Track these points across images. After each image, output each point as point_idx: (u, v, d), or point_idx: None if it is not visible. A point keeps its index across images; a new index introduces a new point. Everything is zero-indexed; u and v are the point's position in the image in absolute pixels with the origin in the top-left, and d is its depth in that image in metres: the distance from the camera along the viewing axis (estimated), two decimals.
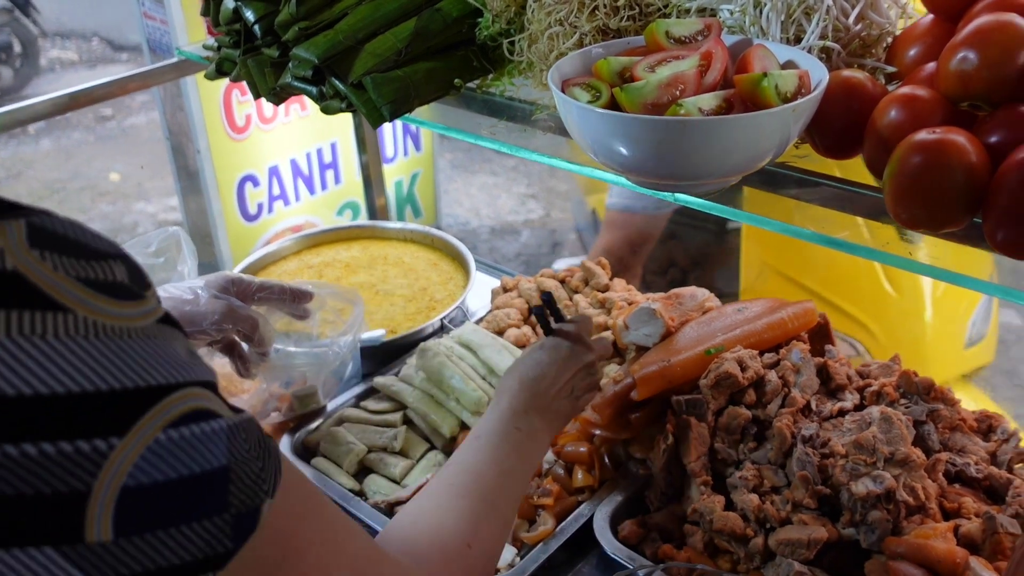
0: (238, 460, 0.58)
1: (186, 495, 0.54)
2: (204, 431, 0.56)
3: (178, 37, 2.67)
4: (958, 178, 0.85)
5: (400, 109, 1.28)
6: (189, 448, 0.54)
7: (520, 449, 1.07)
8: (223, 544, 0.56)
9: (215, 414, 0.57)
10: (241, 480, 0.58)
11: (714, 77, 0.97)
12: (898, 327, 2.18)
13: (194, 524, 0.54)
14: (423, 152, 3.63)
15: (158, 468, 0.52)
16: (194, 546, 0.54)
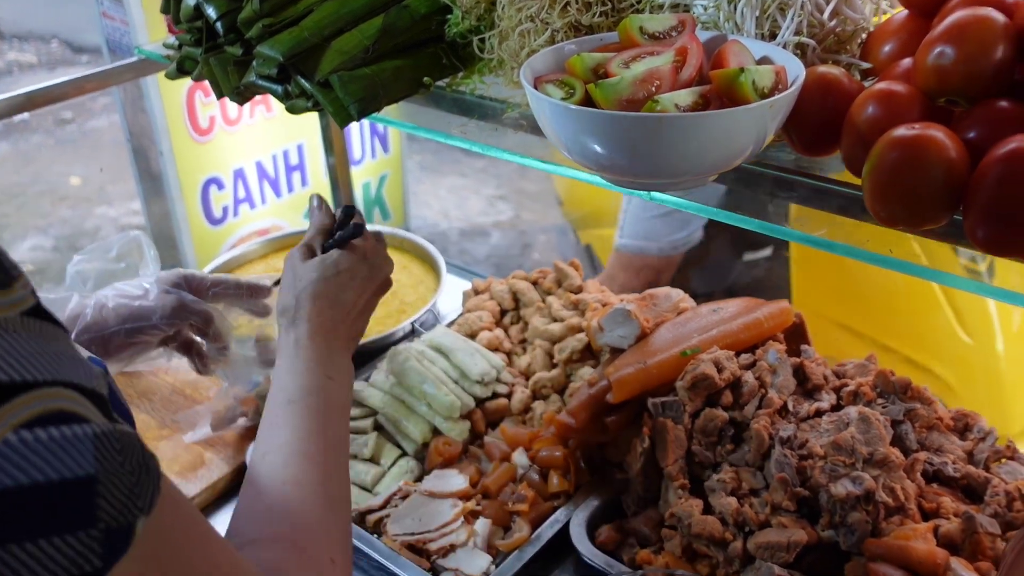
0: (108, 471, 0.52)
1: (45, 505, 0.49)
2: (65, 435, 0.51)
3: (138, 37, 2.61)
4: (938, 174, 0.84)
5: (368, 108, 1.25)
6: (47, 453, 0.50)
7: (337, 401, 1.00)
8: (91, 563, 0.51)
9: (81, 418, 0.52)
10: (111, 494, 0.53)
11: (690, 73, 0.95)
12: (973, 375, 1.96)
13: (56, 539, 0.49)
14: (391, 154, 3.58)
15: (7, 473, 0.48)
16: (57, 564, 0.49)
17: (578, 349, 1.54)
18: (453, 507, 1.30)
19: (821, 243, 0.97)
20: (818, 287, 2.16)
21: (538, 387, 1.54)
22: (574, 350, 1.54)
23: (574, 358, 1.54)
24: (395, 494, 1.34)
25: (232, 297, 1.32)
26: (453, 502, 1.31)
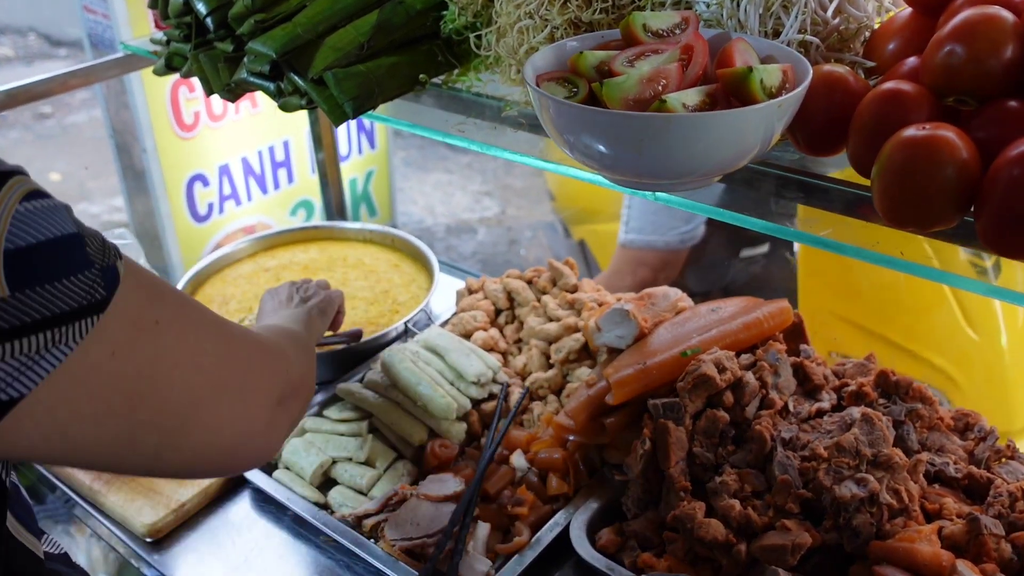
0: (82, 229, 0.70)
1: (58, 253, 0.66)
2: (47, 205, 0.67)
3: (121, 31, 2.56)
4: (949, 175, 0.83)
5: (363, 106, 1.23)
6: (45, 216, 0.66)
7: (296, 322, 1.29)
8: (99, 292, 0.68)
9: (48, 194, 0.69)
10: (92, 244, 0.70)
11: (695, 72, 0.93)
12: (979, 371, 1.95)
13: (71, 278, 0.66)
14: (378, 150, 3.55)
15: (29, 232, 0.64)
16: (75, 295, 0.66)
17: (575, 349, 1.52)
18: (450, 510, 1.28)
19: (828, 244, 0.95)
20: (824, 282, 2.16)
21: (535, 387, 1.52)
22: (571, 350, 1.52)
23: (571, 358, 1.52)
24: (391, 498, 1.31)
25: None
26: (450, 506, 1.29)
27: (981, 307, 1.93)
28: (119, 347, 0.70)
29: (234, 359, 0.85)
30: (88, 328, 0.67)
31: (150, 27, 2.57)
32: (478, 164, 5.45)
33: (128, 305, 0.71)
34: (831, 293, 2.13)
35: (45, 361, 0.65)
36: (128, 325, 0.71)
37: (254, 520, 1.39)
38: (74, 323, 0.66)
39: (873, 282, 2.01)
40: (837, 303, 2.08)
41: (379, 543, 1.27)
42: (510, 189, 5.18)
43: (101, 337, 0.68)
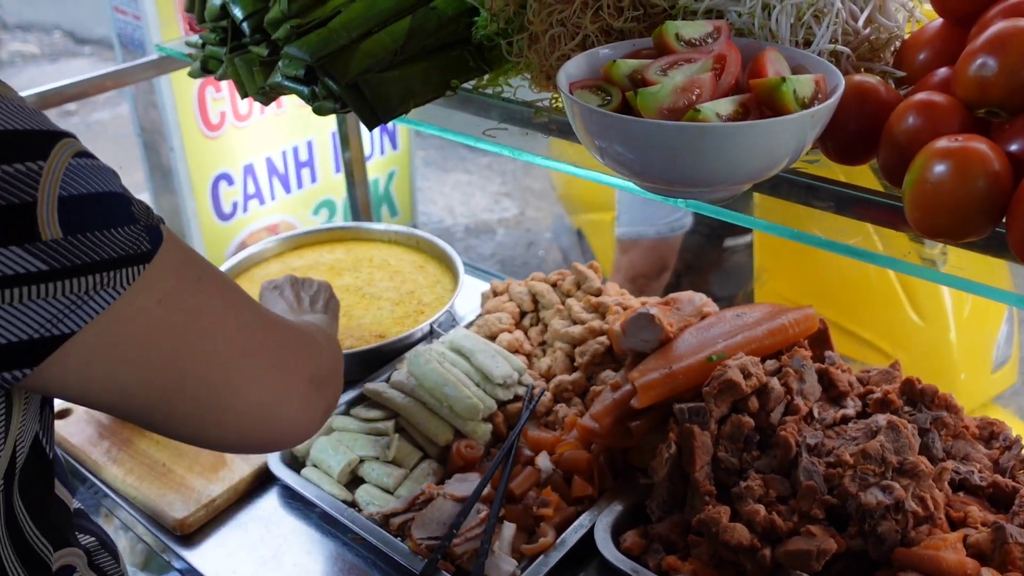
0: (128, 192, 0.75)
1: (106, 206, 0.72)
2: (97, 164, 0.74)
3: (151, 32, 2.60)
4: (981, 186, 0.83)
5: (396, 110, 1.24)
6: (94, 173, 0.72)
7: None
8: (144, 245, 0.74)
9: (95, 157, 0.74)
10: (138, 205, 0.76)
11: (728, 81, 0.95)
12: (925, 355, 2.08)
13: (119, 228, 0.72)
14: (400, 150, 3.58)
15: (80, 183, 0.70)
16: (123, 244, 0.72)
17: (599, 352, 1.53)
18: (477, 511, 1.30)
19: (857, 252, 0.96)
20: (782, 273, 2.28)
21: (559, 390, 1.53)
22: (595, 353, 1.53)
23: (595, 361, 1.54)
24: (418, 497, 1.33)
25: None
26: (477, 506, 1.30)
27: (928, 297, 2.05)
28: (166, 295, 0.75)
29: (270, 330, 0.89)
30: (135, 275, 0.72)
31: (179, 28, 2.61)
32: (497, 165, 5.47)
33: (173, 260, 0.77)
34: (786, 280, 2.26)
35: (94, 302, 0.70)
36: (173, 276, 0.76)
37: (283, 516, 1.41)
38: (122, 269, 0.71)
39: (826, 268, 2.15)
40: (791, 290, 2.21)
41: (406, 541, 1.28)
42: (529, 190, 5.19)
43: (148, 284, 0.74)
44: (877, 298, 2.13)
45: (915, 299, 2.06)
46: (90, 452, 1.51)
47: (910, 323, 2.07)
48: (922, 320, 2.07)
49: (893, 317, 2.09)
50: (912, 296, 2.06)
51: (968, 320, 2.08)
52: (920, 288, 2.05)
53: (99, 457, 1.50)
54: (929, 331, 2.05)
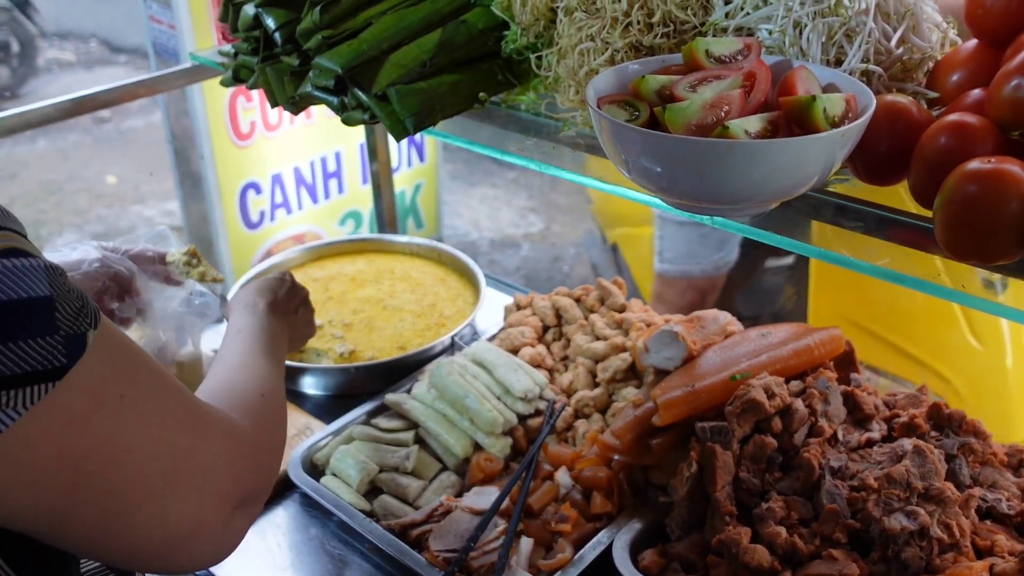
0: (59, 294, 0.68)
1: (17, 315, 0.65)
2: (23, 264, 0.67)
3: (185, 42, 2.64)
4: (1014, 209, 0.82)
5: (424, 122, 1.25)
6: (13, 276, 0.66)
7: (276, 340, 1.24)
8: (58, 359, 0.67)
9: (29, 253, 0.68)
10: (64, 310, 0.68)
11: (758, 98, 0.94)
12: (980, 380, 2.01)
13: (29, 341, 0.65)
14: (427, 163, 3.60)
15: None
16: (31, 359, 0.65)
17: (622, 369, 1.53)
18: (495, 525, 1.29)
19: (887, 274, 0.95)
20: (836, 291, 2.22)
21: (580, 405, 1.53)
22: (617, 369, 1.53)
23: (617, 378, 1.53)
24: (436, 509, 1.33)
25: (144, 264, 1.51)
26: (495, 520, 1.30)
27: (986, 319, 2.00)
28: (74, 418, 0.68)
29: (198, 454, 0.79)
30: (42, 394, 0.65)
31: (213, 38, 2.64)
32: (524, 180, 5.48)
33: (91, 376, 0.69)
34: (840, 297, 2.20)
35: None
36: (88, 396, 0.69)
37: (301, 524, 1.42)
38: (28, 387, 0.65)
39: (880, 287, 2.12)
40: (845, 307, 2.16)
41: (423, 553, 1.28)
42: (555, 206, 5.19)
43: (56, 404, 0.67)
44: (933, 318, 2.08)
45: (973, 321, 2.01)
46: None
47: (966, 345, 2.02)
48: (979, 343, 2.01)
49: (949, 338, 2.04)
50: (970, 317, 2.01)
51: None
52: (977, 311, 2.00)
53: None
54: (986, 355, 2.00)
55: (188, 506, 0.76)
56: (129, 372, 0.74)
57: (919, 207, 0.96)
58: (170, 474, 0.75)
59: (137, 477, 0.73)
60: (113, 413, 0.71)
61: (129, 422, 0.72)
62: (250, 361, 1.13)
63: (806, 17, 1.06)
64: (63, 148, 5.95)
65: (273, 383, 1.10)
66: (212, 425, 0.82)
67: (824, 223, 1.03)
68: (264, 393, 1.04)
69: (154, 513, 0.74)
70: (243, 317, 1.28)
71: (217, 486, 0.80)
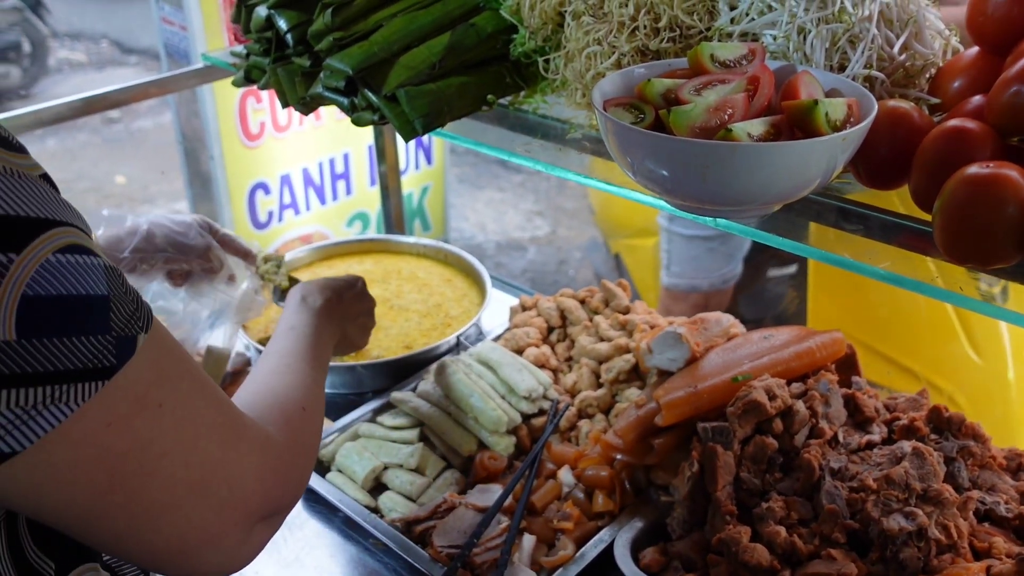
0: (115, 294, 0.68)
1: (75, 311, 0.65)
2: (85, 262, 0.67)
3: (196, 43, 2.66)
4: (1011, 213, 0.83)
5: (433, 123, 1.27)
6: (75, 272, 0.66)
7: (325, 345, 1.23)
8: (108, 360, 0.67)
9: (93, 252, 0.68)
10: (119, 311, 0.68)
11: (761, 102, 0.96)
12: (981, 393, 2.00)
13: (83, 338, 0.65)
14: (434, 166, 3.62)
15: (51, 284, 0.64)
16: (83, 356, 0.65)
17: (625, 370, 1.54)
18: (497, 522, 1.31)
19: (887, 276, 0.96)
20: (835, 304, 2.22)
21: (584, 405, 1.54)
22: (621, 370, 1.54)
23: (621, 378, 1.55)
24: (440, 505, 1.34)
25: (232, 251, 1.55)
26: (498, 517, 1.31)
27: (987, 332, 1.97)
28: (116, 420, 0.68)
29: (229, 466, 0.78)
30: (91, 392, 0.66)
31: (224, 40, 2.67)
32: (531, 184, 5.50)
33: (137, 380, 0.69)
34: (838, 311, 2.19)
35: (43, 418, 0.64)
36: (131, 399, 0.69)
37: (306, 520, 1.43)
38: (78, 384, 0.65)
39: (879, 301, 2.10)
40: (844, 321, 2.13)
41: (426, 548, 1.30)
42: (561, 210, 5.21)
43: (102, 405, 0.67)
44: (933, 332, 2.06)
45: (972, 334, 2.00)
46: None
47: (967, 359, 2.01)
48: (979, 357, 2.00)
49: (949, 352, 2.02)
50: (969, 331, 2.00)
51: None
52: (978, 323, 1.99)
53: None
54: (986, 368, 1.99)
55: (210, 516, 0.76)
56: (173, 378, 0.73)
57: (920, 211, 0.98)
58: (197, 484, 0.75)
59: (166, 484, 0.73)
60: (153, 418, 0.71)
61: (167, 428, 0.72)
62: (297, 366, 1.11)
63: (810, 23, 1.08)
64: (72, 148, 6.00)
65: (315, 394, 1.08)
66: (247, 439, 0.82)
67: (826, 226, 1.05)
68: (306, 407, 1.02)
69: (176, 520, 0.74)
70: (298, 313, 1.26)
71: (243, 501, 0.79)
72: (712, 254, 2.56)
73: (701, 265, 2.55)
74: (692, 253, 2.56)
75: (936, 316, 2.04)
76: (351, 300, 1.40)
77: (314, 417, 1.04)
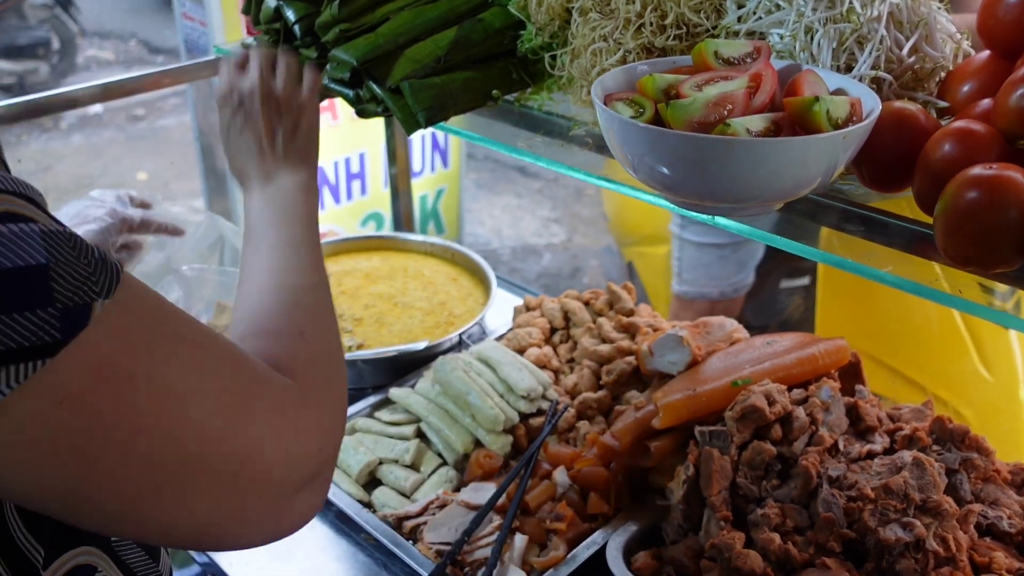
0: (59, 261, 0.61)
1: (11, 284, 0.59)
2: (19, 231, 0.60)
3: (216, 38, 2.68)
4: (1013, 216, 0.82)
5: (436, 116, 1.26)
6: (11, 243, 0.59)
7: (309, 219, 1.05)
8: (50, 335, 0.60)
9: (28, 218, 0.61)
10: (65, 279, 0.61)
11: (763, 99, 0.94)
12: (991, 411, 1.96)
13: (17, 314, 0.59)
14: (450, 168, 3.62)
15: None
16: (20, 334, 0.59)
17: (626, 372, 1.52)
18: (490, 520, 1.29)
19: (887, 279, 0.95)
20: (844, 316, 2.18)
21: (583, 407, 1.53)
22: (622, 372, 1.52)
23: (621, 381, 1.53)
24: (433, 502, 1.34)
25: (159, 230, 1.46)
26: (490, 516, 1.30)
27: (997, 349, 1.92)
28: (68, 397, 0.62)
29: (239, 438, 0.69)
30: (29, 372, 0.59)
31: (242, 34, 2.68)
32: (548, 191, 5.50)
33: (94, 351, 0.62)
34: (847, 321, 2.15)
35: None
36: (85, 374, 0.62)
37: None
38: (15, 365, 0.59)
39: (888, 313, 2.06)
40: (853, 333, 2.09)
41: (417, 545, 1.28)
42: (578, 217, 5.20)
43: (47, 383, 0.60)
44: (942, 346, 2.01)
45: (983, 350, 1.96)
46: None
47: (977, 375, 1.96)
48: (990, 373, 1.95)
49: (959, 368, 1.97)
50: (980, 347, 1.96)
51: None
52: (989, 339, 1.95)
53: None
54: (997, 386, 1.94)
55: (224, 497, 0.69)
56: (149, 345, 0.66)
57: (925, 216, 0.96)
58: (195, 463, 0.67)
59: (148, 465, 0.65)
60: (119, 390, 0.63)
61: (140, 402, 0.64)
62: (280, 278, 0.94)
63: (817, 23, 1.06)
64: (97, 144, 6.06)
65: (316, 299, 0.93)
66: (262, 398, 0.72)
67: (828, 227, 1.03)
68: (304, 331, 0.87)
69: (180, 504, 0.68)
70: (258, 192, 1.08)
71: (264, 474, 0.70)
72: (723, 262, 2.54)
73: (712, 273, 2.53)
74: (703, 261, 2.55)
75: (946, 330, 2.00)
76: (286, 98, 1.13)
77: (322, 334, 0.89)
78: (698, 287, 2.56)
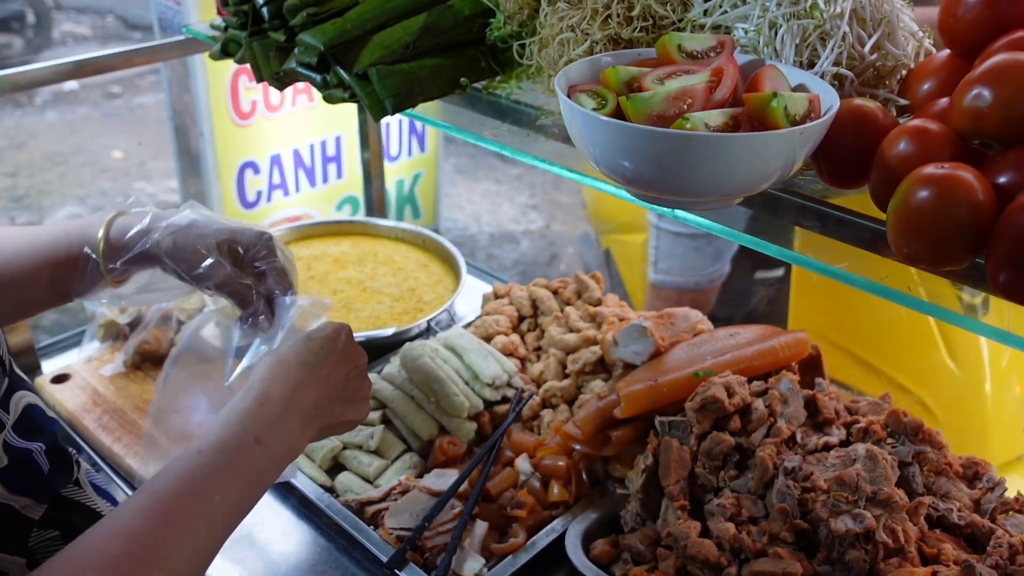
0: None
1: None
2: None
3: (189, 17, 2.65)
4: (963, 215, 0.83)
5: (404, 103, 1.26)
6: None
7: (250, 469, 0.92)
8: None
9: None
10: None
11: (723, 94, 0.95)
12: (957, 404, 1.99)
13: None
14: (427, 153, 3.61)
15: None
16: None
17: (591, 361, 1.53)
18: (451, 507, 1.30)
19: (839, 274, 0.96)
20: (815, 307, 2.21)
21: (548, 395, 1.54)
22: (587, 362, 1.53)
23: (587, 370, 1.54)
24: (395, 488, 1.34)
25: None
26: (452, 502, 1.31)
27: (965, 343, 1.96)
28: None
29: None
30: None
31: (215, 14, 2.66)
32: (527, 177, 5.49)
33: None
34: (819, 312, 2.17)
35: None
36: None
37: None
38: None
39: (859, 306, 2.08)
40: (827, 328, 2.12)
41: (378, 530, 1.29)
42: (556, 204, 5.20)
43: None
44: (912, 339, 2.04)
45: (952, 344, 1.99)
46: (82, 418, 1.54)
47: (945, 368, 1.99)
48: (957, 367, 1.99)
49: (928, 361, 2.00)
50: (949, 341, 2.00)
51: (1005, 372, 2.00)
52: (957, 334, 1.98)
53: (90, 423, 1.52)
54: (964, 379, 1.98)
55: None
56: None
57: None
58: None
59: None
60: None
61: None
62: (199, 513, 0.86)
63: (782, 18, 1.07)
64: (71, 121, 5.98)
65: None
66: None
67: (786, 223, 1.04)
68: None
69: None
70: (242, 408, 0.92)
71: None
72: (699, 252, 2.56)
73: (688, 263, 2.55)
74: (680, 250, 2.56)
75: (916, 323, 2.03)
76: (335, 366, 1.00)
77: None
78: (674, 276, 2.57)
